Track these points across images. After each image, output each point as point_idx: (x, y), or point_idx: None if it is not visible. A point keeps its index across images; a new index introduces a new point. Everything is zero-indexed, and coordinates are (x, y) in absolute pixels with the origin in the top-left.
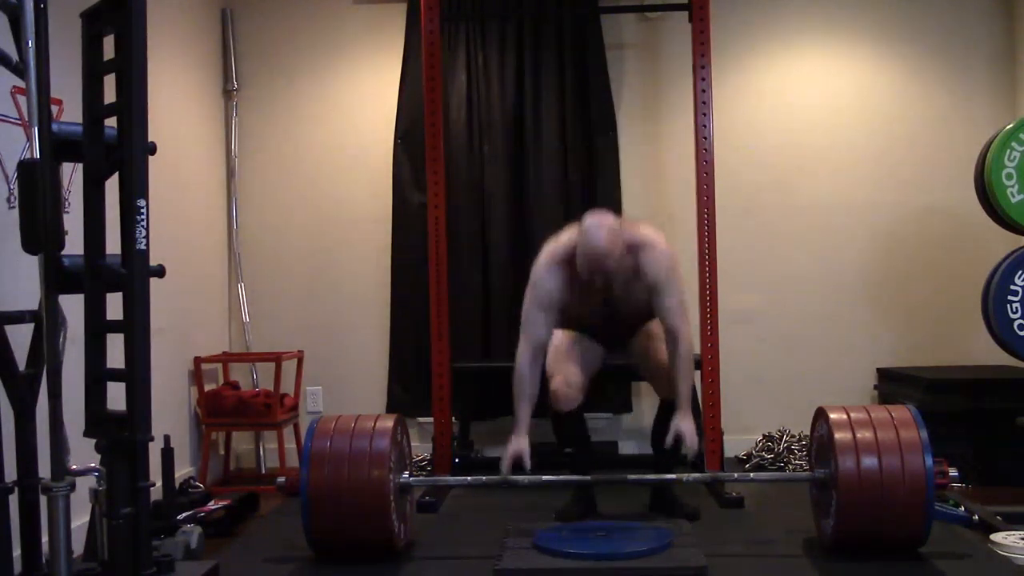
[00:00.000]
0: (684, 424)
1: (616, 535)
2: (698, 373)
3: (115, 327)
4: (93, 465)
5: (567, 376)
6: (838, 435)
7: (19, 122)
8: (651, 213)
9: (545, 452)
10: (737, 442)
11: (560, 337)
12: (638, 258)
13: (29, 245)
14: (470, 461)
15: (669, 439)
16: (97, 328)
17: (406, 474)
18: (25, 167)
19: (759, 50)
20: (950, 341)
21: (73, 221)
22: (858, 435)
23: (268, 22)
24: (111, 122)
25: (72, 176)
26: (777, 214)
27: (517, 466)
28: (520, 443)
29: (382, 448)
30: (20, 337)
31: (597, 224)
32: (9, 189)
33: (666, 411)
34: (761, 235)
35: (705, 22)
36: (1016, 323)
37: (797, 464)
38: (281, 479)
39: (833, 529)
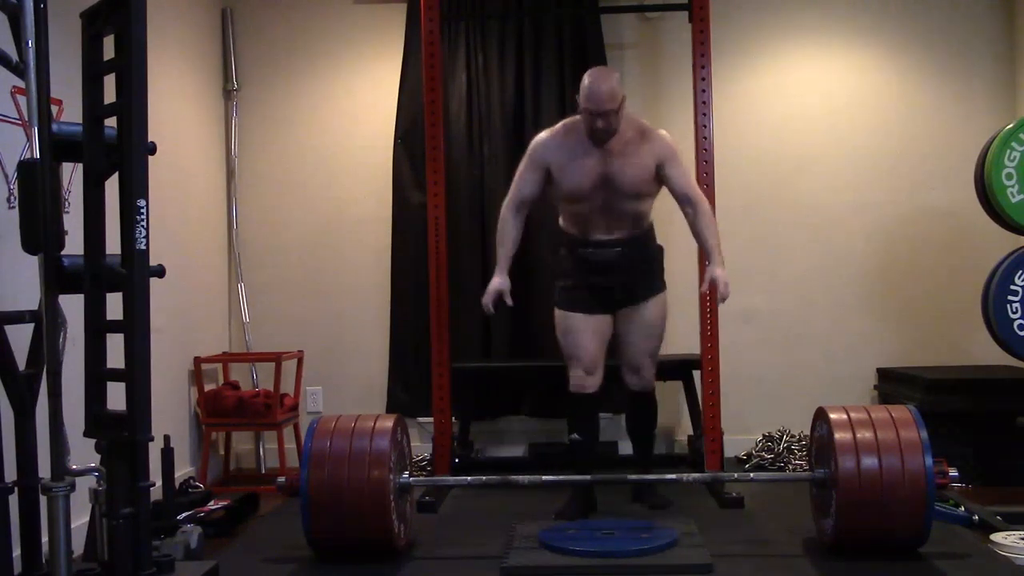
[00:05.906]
0: (719, 271)
1: (621, 533)
2: (698, 373)
3: (115, 327)
4: (93, 465)
5: (585, 362)
6: (838, 435)
7: (19, 122)
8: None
9: (544, 452)
10: (737, 442)
11: (570, 320)
12: (645, 133)
13: (29, 245)
14: (470, 461)
15: (704, 287)
16: (97, 328)
17: (406, 474)
18: (25, 167)
19: (759, 50)
20: (950, 341)
21: (73, 221)
22: (858, 435)
23: (268, 22)
24: (111, 122)
25: (72, 176)
26: (777, 214)
27: (499, 302)
28: (502, 281)
29: (382, 448)
30: (20, 337)
31: (599, 70)
32: (9, 189)
33: (636, 403)
34: (761, 235)
35: (705, 22)
36: (1016, 323)
37: (797, 464)
38: (281, 479)
39: (833, 529)
